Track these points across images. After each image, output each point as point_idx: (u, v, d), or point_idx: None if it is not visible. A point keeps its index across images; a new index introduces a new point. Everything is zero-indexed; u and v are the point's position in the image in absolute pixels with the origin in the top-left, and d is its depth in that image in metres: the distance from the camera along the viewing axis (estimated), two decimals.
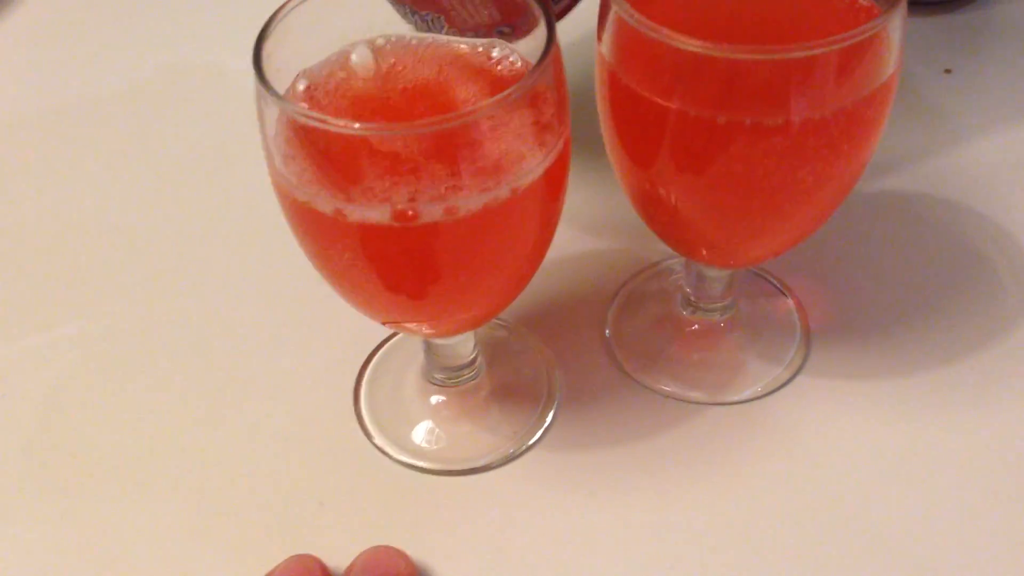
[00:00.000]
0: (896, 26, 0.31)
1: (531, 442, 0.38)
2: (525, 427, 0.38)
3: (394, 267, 0.30)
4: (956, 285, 0.43)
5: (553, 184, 0.31)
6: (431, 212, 0.28)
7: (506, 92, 0.28)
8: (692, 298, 0.41)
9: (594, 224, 0.46)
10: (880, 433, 0.38)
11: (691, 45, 0.29)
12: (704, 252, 0.37)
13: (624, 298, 0.43)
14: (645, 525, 0.35)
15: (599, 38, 0.33)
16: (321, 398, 0.40)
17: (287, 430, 0.39)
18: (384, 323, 0.35)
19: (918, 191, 0.47)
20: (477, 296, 0.32)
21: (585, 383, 0.40)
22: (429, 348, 0.39)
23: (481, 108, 0.28)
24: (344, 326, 0.42)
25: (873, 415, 0.38)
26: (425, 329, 0.35)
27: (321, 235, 0.30)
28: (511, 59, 0.33)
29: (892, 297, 0.43)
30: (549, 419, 0.39)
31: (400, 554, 0.35)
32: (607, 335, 0.42)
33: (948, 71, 0.55)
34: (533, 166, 0.30)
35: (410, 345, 0.41)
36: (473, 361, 0.39)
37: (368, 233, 0.29)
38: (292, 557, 0.34)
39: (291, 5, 0.31)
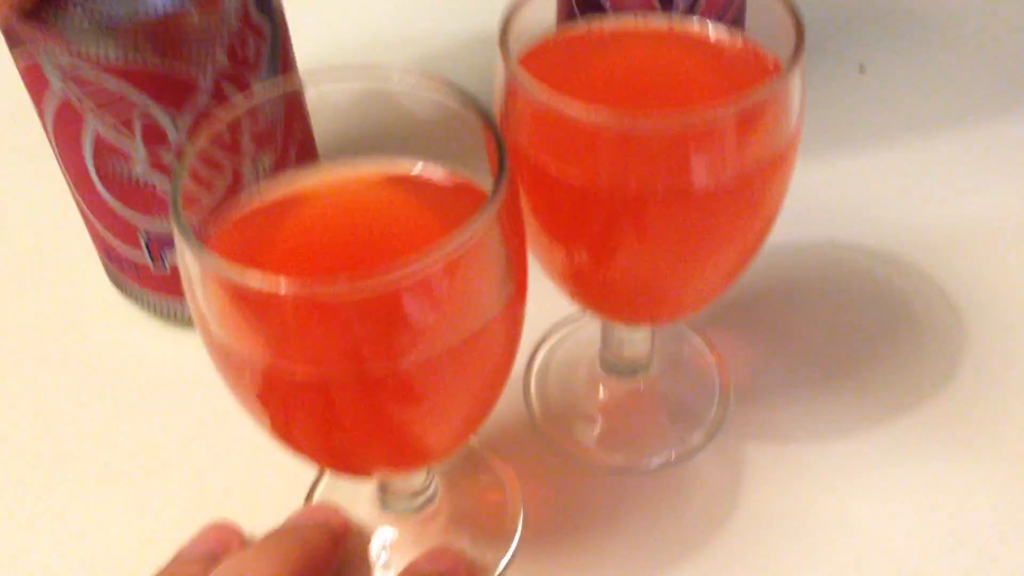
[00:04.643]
0: (796, 84, 0.30)
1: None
2: None
3: (349, 424, 0.28)
4: (878, 333, 0.42)
5: (517, 304, 0.29)
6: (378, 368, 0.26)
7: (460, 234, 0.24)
8: (612, 359, 0.40)
9: None
10: (800, 498, 0.37)
11: (589, 117, 0.28)
12: (620, 315, 0.36)
13: (544, 360, 0.42)
14: None
15: (502, 113, 0.31)
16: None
17: None
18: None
19: (836, 233, 0.46)
20: (428, 441, 0.30)
21: (501, 442, 0.39)
22: None
23: (430, 256, 0.24)
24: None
25: (791, 478, 0.37)
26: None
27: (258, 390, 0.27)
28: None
29: (811, 349, 0.41)
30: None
31: (335, 509, 0.35)
32: (527, 401, 0.40)
33: (862, 68, 0.54)
34: (491, 304, 0.27)
35: None
36: None
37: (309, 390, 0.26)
38: (209, 525, 0.34)
39: None
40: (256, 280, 0.23)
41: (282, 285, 0.23)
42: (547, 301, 0.35)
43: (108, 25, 0.33)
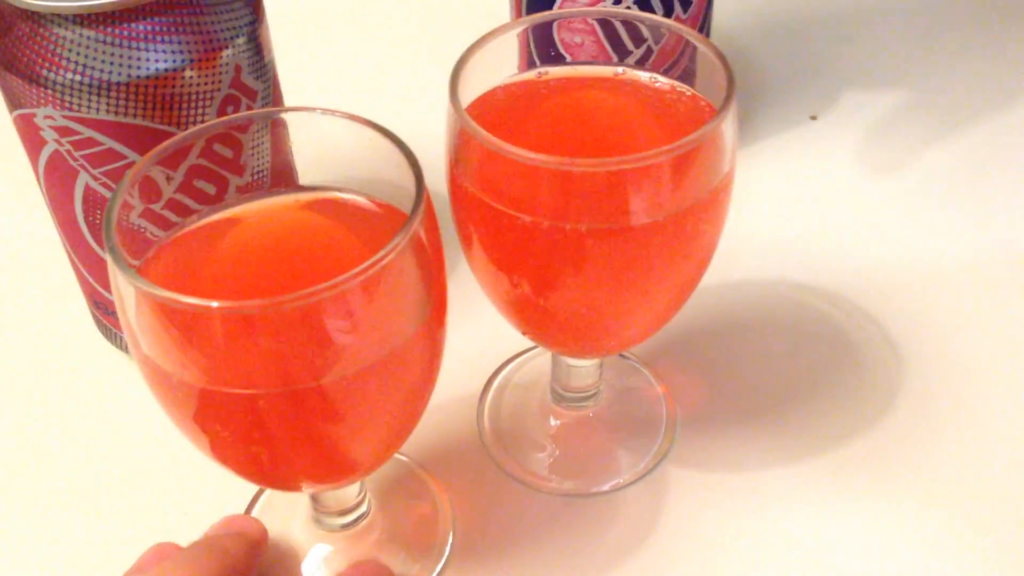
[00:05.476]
0: (727, 129, 0.32)
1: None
2: None
3: (277, 438, 0.29)
4: (820, 369, 0.44)
5: (434, 326, 0.30)
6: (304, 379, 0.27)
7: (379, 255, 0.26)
8: (561, 389, 0.42)
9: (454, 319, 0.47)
10: (742, 525, 0.38)
11: (529, 158, 0.30)
12: (566, 346, 0.37)
13: (497, 391, 0.44)
14: None
15: (452, 155, 0.33)
16: None
17: None
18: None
19: (782, 272, 0.48)
20: (354, 453, 0.32)
21: (456, 473, 0.40)
22: None
23: (349, 277, 0.26)
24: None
25: (734, 505, 0.39)
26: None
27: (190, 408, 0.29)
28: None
29: (756, 382, 0.43)
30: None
31: (252, 518, 0.36)
32: (480, 427, 0.42)
33: (814, 117, 0.57)
34: (409, 322, 0.29)
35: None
36: None
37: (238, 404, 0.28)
38: (152, 546, 0.35)
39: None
40: (183, 299, 0.25)
41: (208, 304, 0.25)
42: (507, 329, 0.37)
43: (102, 84, 0.34)
